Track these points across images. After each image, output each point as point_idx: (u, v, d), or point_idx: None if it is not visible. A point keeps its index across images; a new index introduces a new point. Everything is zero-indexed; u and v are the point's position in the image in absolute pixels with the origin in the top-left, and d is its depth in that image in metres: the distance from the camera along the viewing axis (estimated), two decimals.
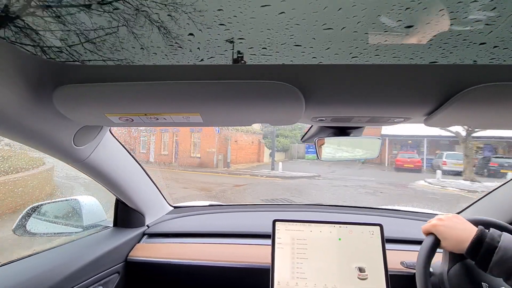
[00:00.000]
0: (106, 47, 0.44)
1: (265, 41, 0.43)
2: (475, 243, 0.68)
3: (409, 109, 0.63)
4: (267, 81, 0.50)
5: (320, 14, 0.37)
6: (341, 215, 1.38)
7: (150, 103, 0.56)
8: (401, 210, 1.44)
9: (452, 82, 0.52)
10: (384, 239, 0.93)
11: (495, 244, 0.65)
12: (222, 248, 1.12)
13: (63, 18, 0.39)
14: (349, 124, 0.79)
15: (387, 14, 0.38)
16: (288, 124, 0.68)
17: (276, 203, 1.58)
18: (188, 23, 0.39)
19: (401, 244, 1.10)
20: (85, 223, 1.10)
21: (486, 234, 0.68)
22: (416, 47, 0.44)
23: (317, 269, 0.91)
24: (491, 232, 0.68)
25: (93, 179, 0.94)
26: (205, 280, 1.06)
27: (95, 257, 0.92)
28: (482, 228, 0.71)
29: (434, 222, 0.80)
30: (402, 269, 0.93)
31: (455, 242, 0.73)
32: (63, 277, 0.79)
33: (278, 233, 0.97)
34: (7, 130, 0.57)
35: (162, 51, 0.45)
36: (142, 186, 1.15)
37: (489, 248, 0.65)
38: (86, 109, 0.58)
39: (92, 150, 0.81)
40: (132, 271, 1.08)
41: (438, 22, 0.38)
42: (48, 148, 0.70)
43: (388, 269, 0.88)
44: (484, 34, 0.41)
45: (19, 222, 1.00)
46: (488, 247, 0.66)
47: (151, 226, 1.27)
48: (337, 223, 0.96)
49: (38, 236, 1.06)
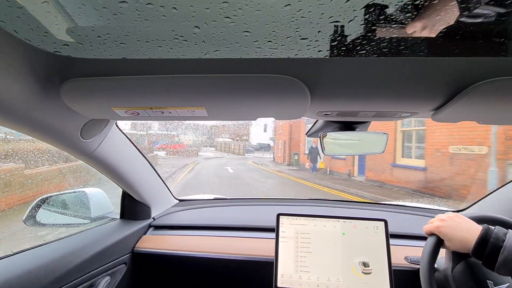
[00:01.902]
0: (112, 40, 0.44)
1: (270, 34, 0.42)
2: (480, 243, 0.67)
3: (417, 104, 0.63)
4: (272, 75, 0.50)
5: (326, 6, 0.36)
6: (345, 210, 1.38)
7: (155, 96, 0.56)
8: (406, 206, 1.43)
9: (461, 76, 0.51)
10: (388, 234, 0.93)
11: (500, 243, 0.64)
12: (227, 241, 1.13)
13: (70, 11, 0.39)
14: (355, 119, 0.79)
15: (395, 7, 0.37)
16: (293, 118, 0.67)
17: (280, 198, 1.58)
18: (193, 16, 0.39)
19: (405, 239, 1.10)
20: (93, 214, 1.12)
21: (491, 234, 0.67)
22: (424, 40, 0.44)
23: (321, 262, 0.92)
24: (496, 231, 0.67)
25: (100, 171, 0.96)
26: (210, 272, 1.07)
27: (103, 248, 0.94)
28: (486, 227, 0.70)
29: (436, 224, 0.78)
30: (406, 264, 0.93)
31: (459, 243, 0.72)
32: (72, 266, 0.81)
33: (282, 226, 0.98)
34: (16, 123, 0.58)
35: (167, 44, 0.45)
36: (148, 179, 1.17)
37: (494, 248, 0.64)
38: (92, 102, 0.59)
39: (99, 143, 0.82)
40: (138, 262, 1.10)
41: (447, 14, 0.37)
42: (56, 141, 0.71)
43: (392, 264, 0.89)
44: (495, 27, 0.40)
45: (29, 213, 1.03)
46: (493, 247, 0.65)
47: (157, 218, 1.29)
48: (341, 218, 0.97)
49: (48, 226, 1.09)
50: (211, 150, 36.50)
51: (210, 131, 47.00)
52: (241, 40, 0.44)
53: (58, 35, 0.44)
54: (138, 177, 1.09)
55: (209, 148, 39.63)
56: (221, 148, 36.25)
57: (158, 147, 23.44)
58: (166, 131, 28.62)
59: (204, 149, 36.34)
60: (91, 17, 0.39)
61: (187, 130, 38.64)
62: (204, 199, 1.59)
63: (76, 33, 0.43)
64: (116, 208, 1.22)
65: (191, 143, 34.70)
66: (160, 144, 24.82)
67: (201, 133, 46.42)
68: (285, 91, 0.53)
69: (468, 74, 0.50)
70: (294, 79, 0.51)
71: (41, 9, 0.39)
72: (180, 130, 35.31)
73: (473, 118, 0.70)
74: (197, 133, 38.45)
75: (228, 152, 33.26)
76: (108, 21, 0.40)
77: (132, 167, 1.04)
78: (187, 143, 35.77)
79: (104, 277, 0.95)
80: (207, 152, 30.79)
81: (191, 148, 28.25)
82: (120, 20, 0.40)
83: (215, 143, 40.12)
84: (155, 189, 1.27)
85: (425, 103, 0.62)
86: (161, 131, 28.62)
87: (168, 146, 23.97)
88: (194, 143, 32.52)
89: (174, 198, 1.49)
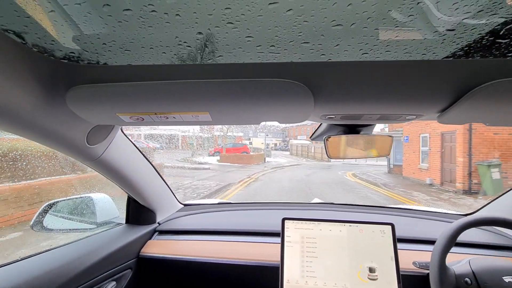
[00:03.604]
0: (117, 47, 0.45)
1: (273, 38, 0.42)
2: None
3: (422, 106, 0.62)
4: (276, 79, 0.50)
5: (329, 10, 0.36)
6: (351, 214, 1.37)
7: (159, 102, 0.56)
8: (413, 209, 1.41)
9: (467, 77, 0.50)
10: (395, 238, 0.91)
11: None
12: (232, 245, 1.12)
13: (76, 20, 0.40)
14: (359, 122, 0.78)
15: (398, 9, 0.37)
16: (297, 122, 0.67)
17: (285, 202, 1.57)
18: (196, 22, 0.39)
19: (413, 243, 1.08)
20: (99, 219, 1.13)
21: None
22: (429, 42, 0.43)
23: (327, 268, 0.91)
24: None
25: (105, 177, 0.97)
26: (215, 277, 1.07)
27: (109, 253, 0.95)
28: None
29: None
30: (414, 269, 0.92)
31: None
32: (78, 271, 0.82)
33: (288, 231, 0.97)
34: (23, 129, 0.59)
35: (171, 50, 0.46)
36: (153, 184, 1.17)
37: None
38: (98, 108, 0.59)
39: (104, 148, 0.83)
40: (144, 267, 1.10)
41: (451, 15, 0.37)
42: (63, 147, 0.72)
43: (400, 269, 0.87)
44: (501, 28, 0.39)
45: (36, 218, 1.04)
46: None
47: (162, 223, 1.30)
48: (347, 222, 0.95)
49: (54, 232, 1.10)
50: (284, 154, 30.96)
51: (283, 133, 40.42)
52: (244, 45, 0.44)
53: (64, 43, 0.45)
54: (143, 181, 1.10)
55: (283, 152, 34.09)
56: (297, 152, 30.08)
57: (211, 151, 20.44)
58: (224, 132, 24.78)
59: (275, 153, 31.20)
60: (96, 25, 0.40)
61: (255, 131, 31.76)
62: (208, 204, 1.59)
63: (82, 40, 0.44)
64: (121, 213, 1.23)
65: (261, 146, 29.20)
66: (215, 147, 21.29)
67: (273, 135, 40.11)
68: (288, 95, 0.53)
69: (475, 76, 0.50)
70: (297, 83, 0.51)
71: (48, 18, 0.40)
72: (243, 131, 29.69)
73: (480, 119, 0.69)
74: (268, 134, 32.09)
75: (306, 157, 26.58)
76: (113, 29, 0.41)
77: (137, 172, 1.05)
78: (255, 145, 30.37)
79: (110, 282, 0.95)
80: (279, 158, 25.01)
81: (257, 151, 23.18)
82: (125, 27, 0.40)
83: (289, 146, 33.93)
84: (160, 193, 1.27)
85: (430, 105, 0.61)
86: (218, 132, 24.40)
87: (222, 150, 19.79)
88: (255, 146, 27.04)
89: (179, 202, 1.49)
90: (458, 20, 0.38)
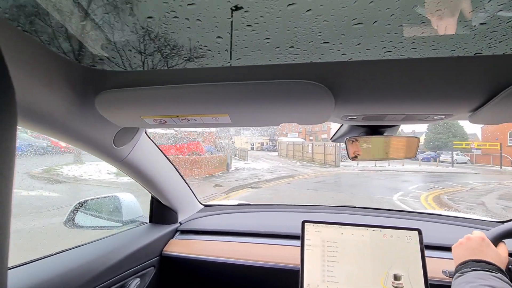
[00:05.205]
0: (141, 53, 0.47)
1: (292, 40, 0.42)
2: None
3: (452, 106, 0.58)
4: (295, 81, 0.50)
5: (349, 8, 0.36)
6: (374, 218, 1.31)
7: (181, 105, 0.58)
8: (441, 215, 1.33)
9: (501, 74, 0.47)
10: (423, 245, 0.86)
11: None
12: (251, 247, 1.13)
13: (105, 29, 0.42)
14: (382, 123, 0.75)
15: (424, 4, 0.35)
16: (317, 123, 0.66)
17: (305, 204, 1.55)
18: (216, 26, 0.40)
19: (442, 251, 1.01)
20: (125, 218, 1.18)
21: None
22: (459, 38, 0.41)
23: (349, 273, 0.88)
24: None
25: (130, 177, 1.01)
26: (234, 278, 1.07)
27: (134, 250, 0.99)
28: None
29: (458, 242, 0.80)
30: (444, 278, 0.86)
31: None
32: (106, 267, 0.86)
33: (308, 234, 0.95)
34: (56, 132, 0.63)
35: (192, 54, 0.47)
36: (175, 184, 1.21)
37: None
38: (124, 112, 0.62)
39: (129, 150, 0.87)
40: (166, 265, 1.14)
41: (483, 8, 0.35)
42: (91, 148, 0.76)
43: (428, 277, 0.82)
44: None
45: (68, 216, 1.10)
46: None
47: (183, 223, 1.33)
48: (370, 226, 0.92)
49: (85, 229, 1.16)
50: (271, 155, 22.06)
51: (271, 130, 30.09)
52: (263, 47, 0.44)
53: (93, 51, 0.47)
54: (166, 182, 1.13)
55: (269, 153, 25.10)
56: (287, 153, 21.34)
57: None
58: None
59: (258, 155, 22.30)
60: (123, 32, 0.42)
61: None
62: (228, 205, 1.60)
63: (109, 48, 0.46)
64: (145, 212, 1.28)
65: (246, 146, 18.93)
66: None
67: (260, 132, 28.15)
68: (308, 96, 0.53)
69: (509, 72, 0.46)
70: (317, 84, 0.50)
71: (80, 28, 0.42)
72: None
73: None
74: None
75: (301, 159, 18.74)
76: (138, 36, 0.43)
77: (161, 173, 1.08)
78: (238, 145, 19.12)
79: (134, 278, 0.98)
80: (261, 161, 16.38)
81: (240, 153, 15.27)
82: (149, 34, 0.42)
83: (277, 146, 26.07)
84: (182, 194, 1.31)
85: (461, 105, 0.57)
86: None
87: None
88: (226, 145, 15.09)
89: (199, 203, 1.52)
90: (492, 13, 0.35)
